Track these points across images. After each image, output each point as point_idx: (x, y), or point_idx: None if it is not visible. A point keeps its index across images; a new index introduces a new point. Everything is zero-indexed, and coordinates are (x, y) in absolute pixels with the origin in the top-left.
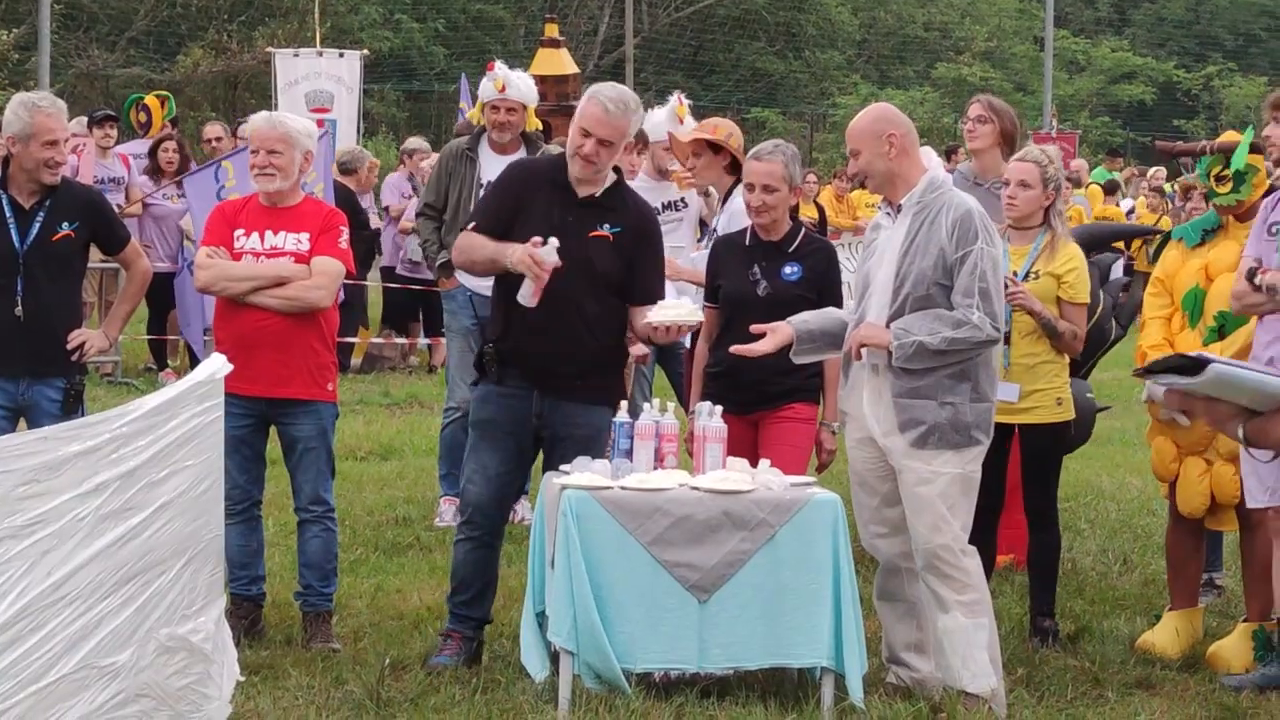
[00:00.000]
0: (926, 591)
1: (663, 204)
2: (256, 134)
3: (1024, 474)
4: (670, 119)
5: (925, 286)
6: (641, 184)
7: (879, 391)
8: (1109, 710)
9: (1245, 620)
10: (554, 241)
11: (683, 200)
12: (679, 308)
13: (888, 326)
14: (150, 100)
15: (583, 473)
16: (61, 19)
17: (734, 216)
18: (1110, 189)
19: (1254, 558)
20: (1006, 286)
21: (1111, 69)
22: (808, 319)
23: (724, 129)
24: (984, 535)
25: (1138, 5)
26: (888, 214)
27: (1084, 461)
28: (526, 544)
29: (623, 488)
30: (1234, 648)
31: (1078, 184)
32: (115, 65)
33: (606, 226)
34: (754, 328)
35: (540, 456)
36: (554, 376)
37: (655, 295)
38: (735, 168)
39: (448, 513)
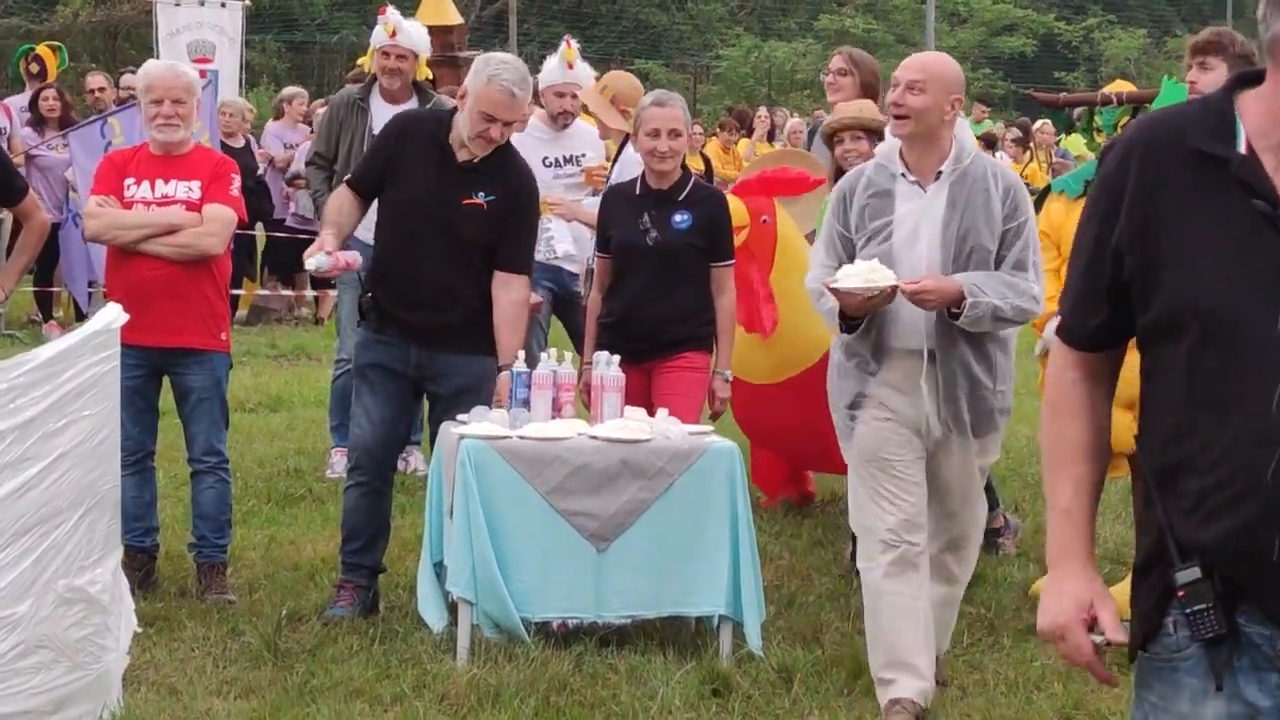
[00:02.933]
0: (940, 567)
1: (562, 158)
2: (159, 83)
3: None
4: (560, 65)
5: (985, 257)
6: (538, 134)
7: (941, 386)
8: (1004, 656)
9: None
10: (321, 259)
11: (583, 155)
12: (875, 272)
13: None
14: (43, 50)
15: (480, 422)
16: None
17: (627, 166)
18: (989, 141)
19: None
20: None
21: (993, 21)
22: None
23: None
24: None
25: None
26: (914, 182)
27: None
28: (419, 495)
29: (521, 437)
30: (1126, 593)
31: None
32: None
33: (481, 195)
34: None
35: (427, 406)
36: (424, 332)
37: (520, 265)
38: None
39: (339, 464)
